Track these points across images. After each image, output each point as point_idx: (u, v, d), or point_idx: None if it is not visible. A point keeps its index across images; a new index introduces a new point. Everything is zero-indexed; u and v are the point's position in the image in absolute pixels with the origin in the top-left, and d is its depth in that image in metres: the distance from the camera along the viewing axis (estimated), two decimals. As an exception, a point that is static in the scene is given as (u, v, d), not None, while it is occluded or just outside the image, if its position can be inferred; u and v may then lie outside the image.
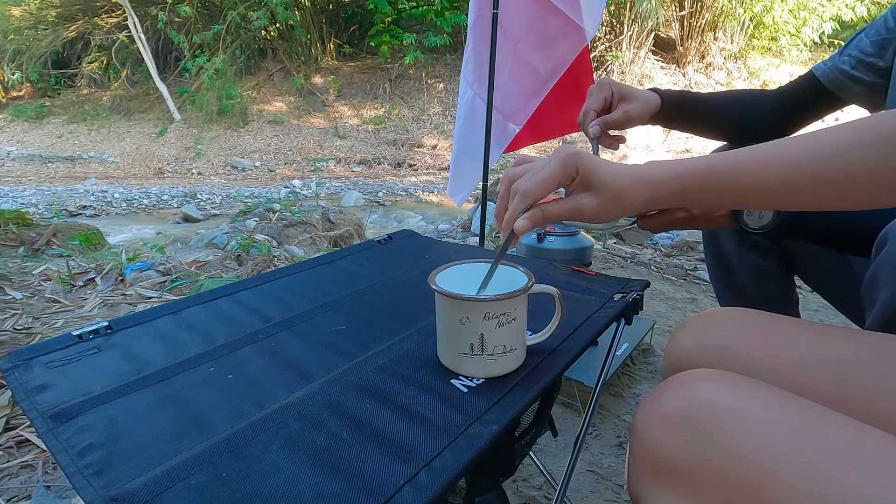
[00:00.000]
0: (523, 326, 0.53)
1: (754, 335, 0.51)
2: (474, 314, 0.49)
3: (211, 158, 9.30)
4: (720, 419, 0.36)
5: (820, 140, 0.44)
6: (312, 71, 10.88)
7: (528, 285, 0.51)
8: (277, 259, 2.31)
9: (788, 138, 0.46)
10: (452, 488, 0.40)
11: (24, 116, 10.47)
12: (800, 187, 0.45)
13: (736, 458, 0.34)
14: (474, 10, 1.65)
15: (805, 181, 0.44)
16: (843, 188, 0.43)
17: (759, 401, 0.37)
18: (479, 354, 0.51)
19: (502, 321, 0.49)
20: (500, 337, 0.50)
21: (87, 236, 2.73)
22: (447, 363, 0.54)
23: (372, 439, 0.44)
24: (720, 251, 0.98)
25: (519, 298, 0.50)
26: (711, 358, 0.52)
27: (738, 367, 0.48)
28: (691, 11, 9.48)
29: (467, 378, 0.52)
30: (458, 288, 0.53)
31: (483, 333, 0.50)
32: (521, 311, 0.51)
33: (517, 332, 0.52)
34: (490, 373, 0.52)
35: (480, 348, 0.51)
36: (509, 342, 0.51)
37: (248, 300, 0.73)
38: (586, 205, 0.47)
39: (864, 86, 0.81)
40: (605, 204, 0.47)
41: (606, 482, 1.01)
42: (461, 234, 3.33)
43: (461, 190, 1.88)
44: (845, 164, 0.42)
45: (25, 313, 1.52)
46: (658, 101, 0.89)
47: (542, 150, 8.62)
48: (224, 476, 0.40)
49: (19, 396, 0.51)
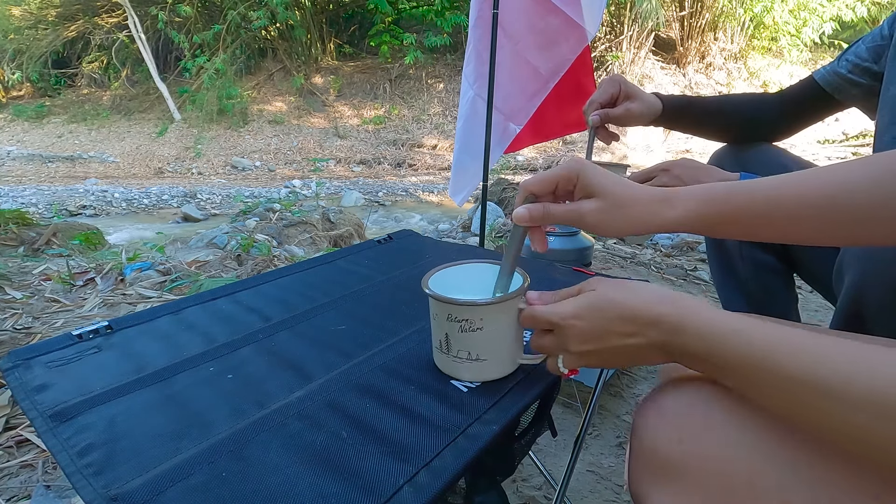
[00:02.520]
0: (501, 340, 0.51)
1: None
2: (441, 312, 0.50)
3: (211, 158, 9.30)
4: (714, 417, 0.37)
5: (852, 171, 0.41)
6: (312, 71, 10.88)
7: (491, 300, 0.49)
8: (277, 259, 2.31)
9: (810, 171, 0.43)
10: (452, 488, 0.40)
11: (24, 116, 10.47)
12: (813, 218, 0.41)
13: (730, 455, 0.34)
14: (475, 9, 1.65)
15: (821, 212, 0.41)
16: (858, 223, 0.40)
17: (740, 405, 0.37)
18: (445, 353, 0.52)
19: (464, 327, 0.49)
20: (464, 342, 0.50)
21: (87, 236, 2.73)
22: (433, 353, 0.56)
23: (372, 439, 0.44)
24: (722, 245, 0.99)
25: (483, 309, 0.49)
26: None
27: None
28: (691, 12, 9.48)
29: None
30: (459, 286, 0.53)
31: (447, 333, 0.51)
32: (492, 324, 0.50)
33: (487, 343, 0.50)
34: (455, 374, 0.53)
35: (447, 347, 0.52)
36: (475, 350, 0.50)
37: (248, 300, 0.73)
38: (586, 208, 0.47)
39: (860, 89, 0.86)
40: (605, 210, 0.46)
41: (606, 482, 1.01)
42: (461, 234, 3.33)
43: (462, 190, 1.87)
44: (859, 196, 0.39)
45: (25, 313, 1.52)
46: (660, 107, 0.93)
47: (542, 151, 8.62)
48: (224, 476, 0.40)
49: (19, 396, 0.51)
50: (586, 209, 0.47)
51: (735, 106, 0.97)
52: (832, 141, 7.66)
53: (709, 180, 0.79)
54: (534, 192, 0.49)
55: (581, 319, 0.43)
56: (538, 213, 0.48)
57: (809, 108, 0.93)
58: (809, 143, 7.65)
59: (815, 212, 0.41)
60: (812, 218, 0.41)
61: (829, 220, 0.41)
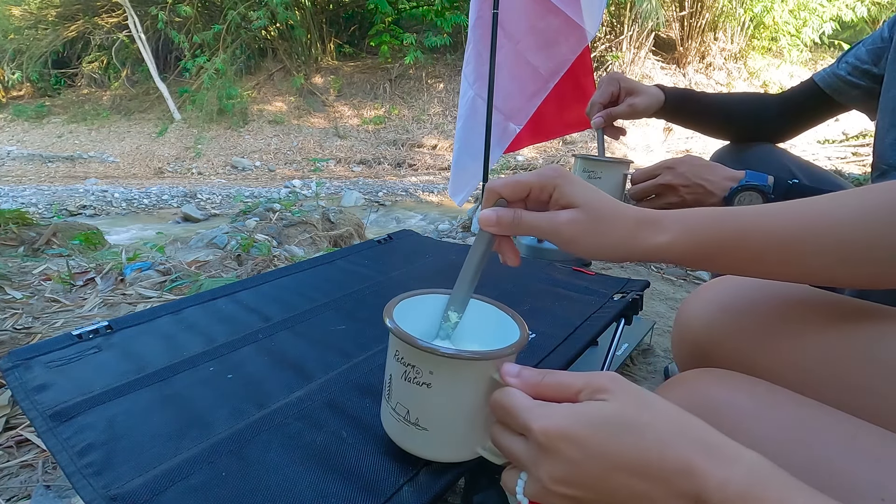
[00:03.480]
0: (454, 412, 0.38)
1: (769, 295, 0.49)
2: (391, 345, 0.40)
3: (211, 158, 9.30)
4: (720, 415, 0.36)
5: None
6: (312, 71, 10.87)
7: (449, 352, 0.36)
8: (277, 259, 2.31)
9: (804, 201, 0.40)
10: (452, 487, 0.40)
11: (24, 116, 10.46)
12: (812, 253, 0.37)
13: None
14: (475, 10, 1.65)
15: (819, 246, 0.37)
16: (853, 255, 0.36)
17: (758, 399, 0.37)
18: (386, 400, 0.41)
19: (409, 375, 0.37)
20: (405, 395, 0.38)
21: (87, 236, 2.73)
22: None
23: (372, 439, 0.44)
24: None
25: (436, 360, 0.36)
26: (726, 318, 0.49)
27: (754, 327, 0.47)
28: (691, 12, 9.47)
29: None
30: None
31: (391, 375, 0.40)
32: (445, 385, 0.37)
33: (432, 407, 0.38)
34: (391, 432, 0.41)
35: (388, 392, 0.40)
36: (415, 411, 0.38)
37: (248, 300, 0.73)
38: (563, 218, 0.40)
39: (860, 91, 0.87)
40: (583, 223, 0.40)
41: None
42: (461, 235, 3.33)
43: (462, 190, 1.88)
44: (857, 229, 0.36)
45: (25, 313, 1.52)
46: (663, 98, 0.94)
47: (542, 151, 8.62)
48: (224, 475, 0.40)
49: (19, 396, 0.51)
50: (563, 219, 0.40)
51: (738, 104, 0.98)
52: (832, 141, 7.65)
53: (714, 177, 0.79)
54: (503, 196, 0.41)
55: (573, 445, 0.30)
56: (507, 219, 0.41)
57: (809, 109, 0.94)
58: (809, 143, 7.65)
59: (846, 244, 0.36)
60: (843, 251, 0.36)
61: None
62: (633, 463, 0.29)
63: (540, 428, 0.31)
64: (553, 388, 0.34)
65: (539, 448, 0.31)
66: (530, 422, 0.32)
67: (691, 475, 0.28)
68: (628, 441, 0.29)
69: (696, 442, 0.29)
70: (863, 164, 6.02)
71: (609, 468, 0.29)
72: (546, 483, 0.31)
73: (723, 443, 0.29)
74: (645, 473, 0.29)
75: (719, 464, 0.28)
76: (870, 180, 0.85)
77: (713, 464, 0.28)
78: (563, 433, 0.30)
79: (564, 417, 0.31)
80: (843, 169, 5.77)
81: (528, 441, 0.32)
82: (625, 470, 0.29)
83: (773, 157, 0.93)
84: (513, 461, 0.35)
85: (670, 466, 0.28)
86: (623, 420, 0.30)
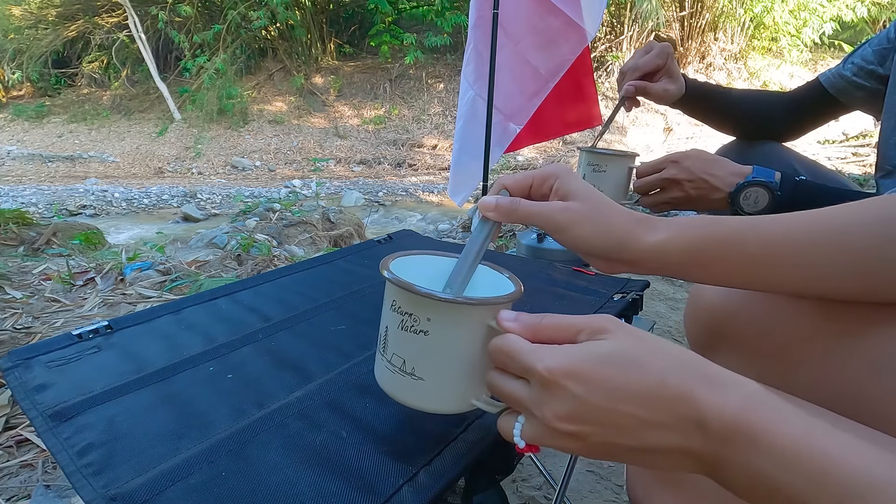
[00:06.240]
0: (451, 360, 0.38)
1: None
2: (387, 297, 0.40)
3: (211, 158, 9.30)
4: None
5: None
6: (313, 71, 10.88)
7: (448, 297, 0.37)
8: (277, 259, 2.32)
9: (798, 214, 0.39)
10: (452, 488, 0.40)
11: (25, 116, 10.47)
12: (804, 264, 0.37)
13: None
14: (475, 10, 1.65)
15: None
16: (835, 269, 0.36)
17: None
18: (381, 354, 0.41)
19: (406, 324, 0.38)
20: (401, 345, 0.39)
21: (87, 236, 2.73)
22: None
23: (372, 439, 0.44)
24: None
25: (434, 306, 0.37)
26: (740, 295, 0.46)
27: (771, 297, 0.43)
28: (691, 12, 9.47)
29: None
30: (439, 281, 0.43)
31: (388, 327, 0.40)
32: (442, 332, 0.37)
33: (429, 355, 0.38)
34: (386, 385, 0.42)
35: (384, 345, 0.41)
36: (411, 361, 0.38)
37: (248, 300, 0.73)
38: (559, 206, 0.42)
39: (865, 91, 0.87)
40: (579, 212, 0.41)
41: (606, 482, 1.00)
42: (461, 234, 3.33)
43: (462, 190, 1.88)
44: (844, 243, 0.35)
45: (25, 313, 1.52)
46: (684, 90, 0.94)
47: (542, 151, 8.62)
48: (224, 475, 0.40)
49: (19, 396, 0.51)
50: (559, 207, 0.42)
51: (751, 102, 0.99)
52: (832, 141, 7.65)
53: (721, 172, 0.78)
54: (507, 188, 0.45)
55: (578, 382, 0.31)
56: (506, 205, 0.43)
57: (814, 110, 0.94)
58: (809, 143, 7.64)
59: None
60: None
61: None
62: (637, 393, 0.30)
63: (545, 367, 0.31)
64: (552, 329, 0.35)
65: (543, 387, 0.32)
66: (533, 363, 0.32)
67: (692, 401, 0.29)
68: (633, 374, 0.31)
69: (695, 371, 0.31)
70: (863, 165, 6.01)
71: (614, 400, 0.30)
72: (550, 421, 0.32)
73: (720, 372, 0.31)
74: (649, 403, 0.30)
75: (717, 390, 0.30)
76: (873, 180, 0.85)
77: (711, 390, 0.30)
78: (568, 370, 0.31)
79: (568, 356, 0.32)
80: (843, 169, 5.76)
81: (531, 383, 0.33)
82: (630, 401, 0.30)
83: (779, 154, 0.94)
84: (512, 404, 0.35)
85: (672, 394, 0.30)
86: (626, 355, 0.31)
